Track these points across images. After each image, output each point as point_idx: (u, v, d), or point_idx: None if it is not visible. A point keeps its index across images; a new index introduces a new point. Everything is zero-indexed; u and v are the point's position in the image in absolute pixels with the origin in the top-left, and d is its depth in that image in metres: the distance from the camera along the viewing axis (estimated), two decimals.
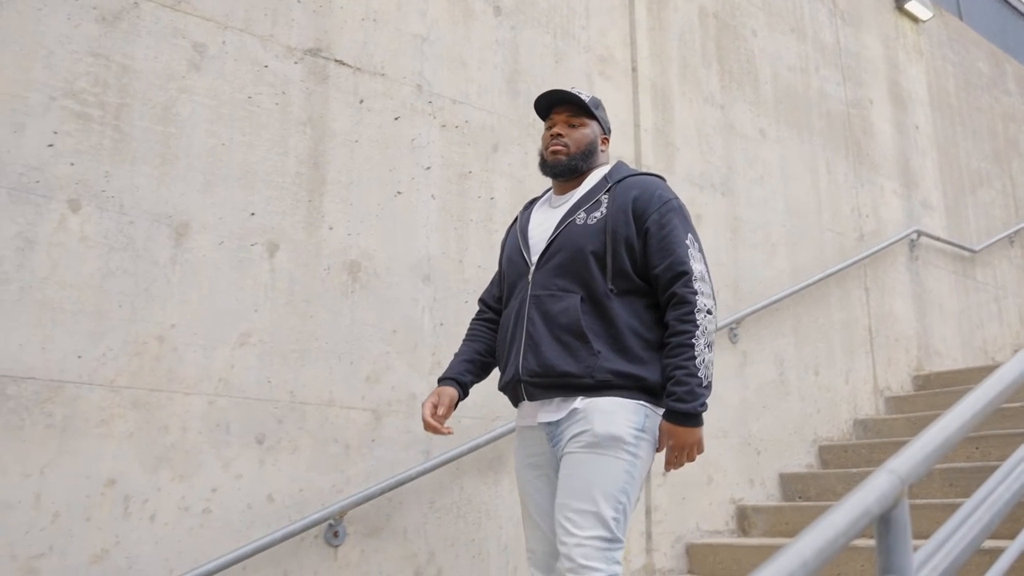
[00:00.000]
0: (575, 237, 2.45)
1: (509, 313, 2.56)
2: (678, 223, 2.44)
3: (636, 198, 2.46)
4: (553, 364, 2.37)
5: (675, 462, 2.38)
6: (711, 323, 2.36)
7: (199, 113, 3.29)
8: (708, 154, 5.20)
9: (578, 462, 2.31)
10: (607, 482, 2.27)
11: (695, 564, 4.47)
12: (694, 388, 2.29)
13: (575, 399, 2.36)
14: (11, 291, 2.83)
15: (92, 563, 2.84)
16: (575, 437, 2.33)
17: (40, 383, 2.83)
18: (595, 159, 2.63)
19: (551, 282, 2.45)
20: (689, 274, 2.36)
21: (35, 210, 2.90)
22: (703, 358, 2.32)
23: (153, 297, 3.08)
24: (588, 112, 2.62)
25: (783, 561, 1.27)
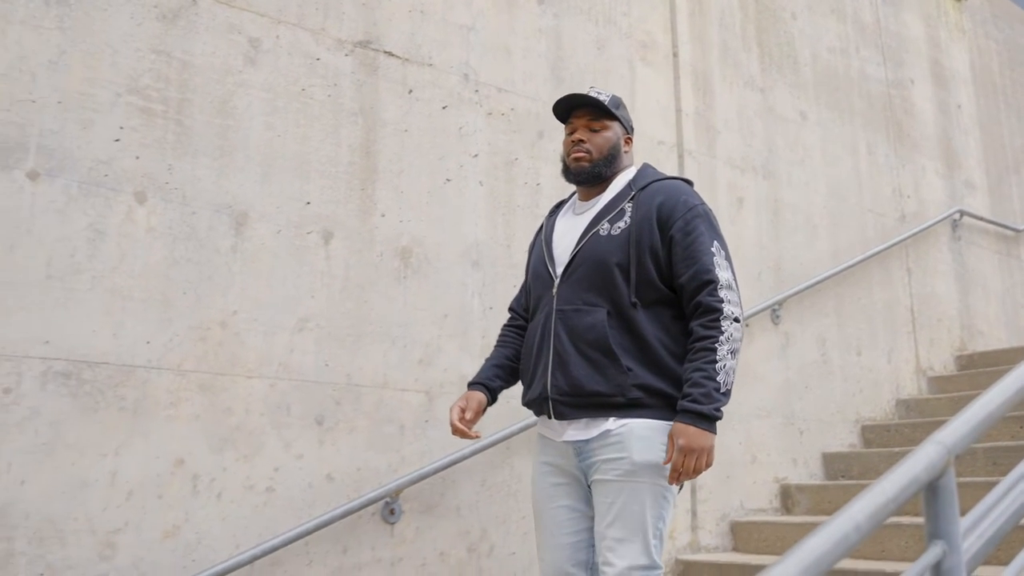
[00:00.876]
0: (599, 249, 2.37)
1: (535, 327, 2.49)
2: (704, 230, 2.35)
3: (661, 204, 2.37)
4: (582, 383, 2.31)
5: (683, 470, 2.21)
6: (737, 331, 2.28)
7: (255, 106, 3.39)
8: (749, 137, 5.22)
9: (617, 491, 2.26)
10: (647, 511, 2.24)
11: (740, 541, 4.53)
12: (711, 391, 2.20)
13: (606, 419, 2.30)
14: (84, 280, 2.95)
15: (165, 538, 2.97)
16: (611, 462, 2.28)
17: (113, 368, 2.96)
18: (619, 163, 2.53)
19: (576, 296, 2.38)
20: (715, 283, 2.28)
21: (104, 202, 3.02)
22: (724, 364, 2.22)
23: (215, 285, 3.19)
24: (609, 114, 2.52)
25: (838, 524, 1.34)
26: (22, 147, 2.90)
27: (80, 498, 2.85)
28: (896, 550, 3.87)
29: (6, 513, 2.72)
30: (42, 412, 2.82)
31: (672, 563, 4.29)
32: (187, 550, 3.01)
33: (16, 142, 2.89)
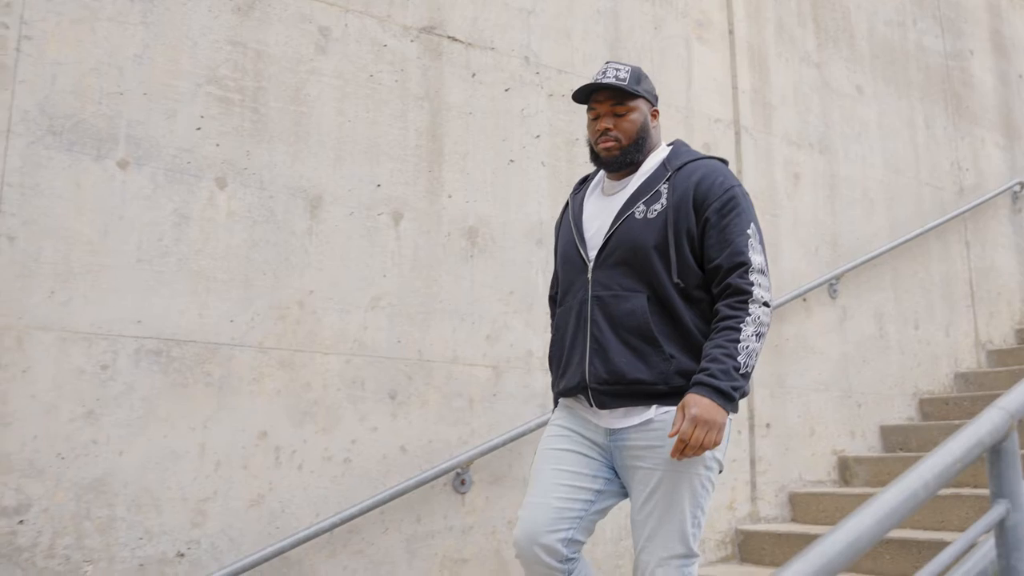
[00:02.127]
0: (636, 233, 2.27)
1: (567, 312, 2.38)
2: (739, 212, 2.26)
3: (697, 184, 2.28)
4: (624, 371, 2.22)
5: (690, 442, 2.06)
6: (765, 315, 2.19)
7: (327, 93, 3.50)
8: (805, 113, 5.22)
9: (658, 481, 2.19)
10: (687, 500, 2.18)
11: (798, 512, 4.59)
12: (729, 369, 2.11)
13: (648, 407, 2.22)
14: (171, 263, 3.10)
15: (250, 507, 3.12)
16: (651, 450, 2.20)
17: (199, 345, 3.10)
18: (649, 143, 2.40)
19: (614, 281, 2.28)
20: (747, 265, 2.20)
21: (188, 189, 3.16)
22: (748, 345, 2.14)
23: (292, 266, 3.32)
24: (632, 94, 2.37)
25: (908, 481, 1.41)
26: (112, 138, 3.04)
27: (172, 468, 3.01)
28: (956, 520, 3.90)
29: (107, 482, 2.89)
30: (136, 388, 2.98)
31: (732, 533, 4.36)
32: (271, 518, 3.16)
33: (107, 133, 3.04)
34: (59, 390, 2.86)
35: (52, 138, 2.94)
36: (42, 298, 2.86)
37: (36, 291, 2.86)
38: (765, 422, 4.59)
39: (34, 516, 2.77)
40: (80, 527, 2.83)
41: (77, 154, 2.98)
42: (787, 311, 4.78)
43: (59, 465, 2.83)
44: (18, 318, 2.82)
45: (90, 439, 2.88)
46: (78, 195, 2.97)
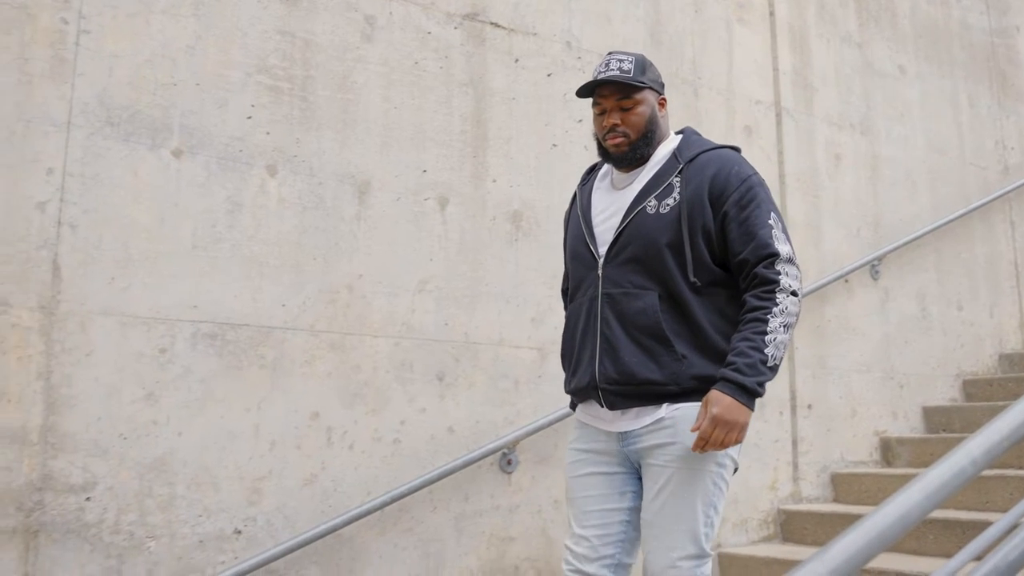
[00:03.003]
0: (648, 228, 2.19)
1: (577, 310, 2.31)
2: (760, 202, 2.18)
3: (713, 178, 2.20)
4: (634, 371, 2.15)
5: (711, 440, 2.04)
6: (794, 305, 2.12)
7: (373, 80, 3.55)
8: (846, 94, 5.18)
9: (667, 479, 2.12)
10: (698, 499, 2.11)
11: (840, 492, 4.59)
12: (756, 363, 2.06)
13: (659, 408, 2.16)
14: (224, 249, 3.17)
15: (304, 485, 3.20)
16: (661, 448, 2.14)
17: (253, 329, 3.18)
18: (657, 135, 2.29)
19: (625, 279, 2.20)
20: (775, 256, 2.13)
21: (240, 176, 3.23)
22: (775, 336, 2.08)
23: (342, 251, 3.38)
24: (637, 86, 2.25)
25: (956, 458, 1.44)
26: (167, 128, 3.12)
27: (229, 448, 3.09)
28: (1000, 501, 3.89)
29: (167, 461, 2.98)
30: (193, 370, 3.06)
31: (774, 513, 4.38)
32: (324, 496, 3.23)
33: (161, 123, 3.11)
34: (121, 373, 2.94)
35: (110, 129, 3.02)
36: (103, 284, 2.95)
37: (97, 277, 2.94)
38: (807, 403, 4.60)
39: (100, 494, 2.86)
40: (143, 504, 2.93)
41: (134, 144, 3.06)
42: (829, 292, 4.77)
43: (122, 445, 2.92)
44: (81, 304, 2.91)
45: (151, 420, 2.97)
46: (135, 184, 3.05)
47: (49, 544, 2.77)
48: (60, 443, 2.82)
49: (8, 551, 2.71)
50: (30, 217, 2.86)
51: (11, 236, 2.83)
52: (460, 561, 3.46)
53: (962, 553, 2.35)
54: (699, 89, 4.50)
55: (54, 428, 2.82)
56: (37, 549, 2.75)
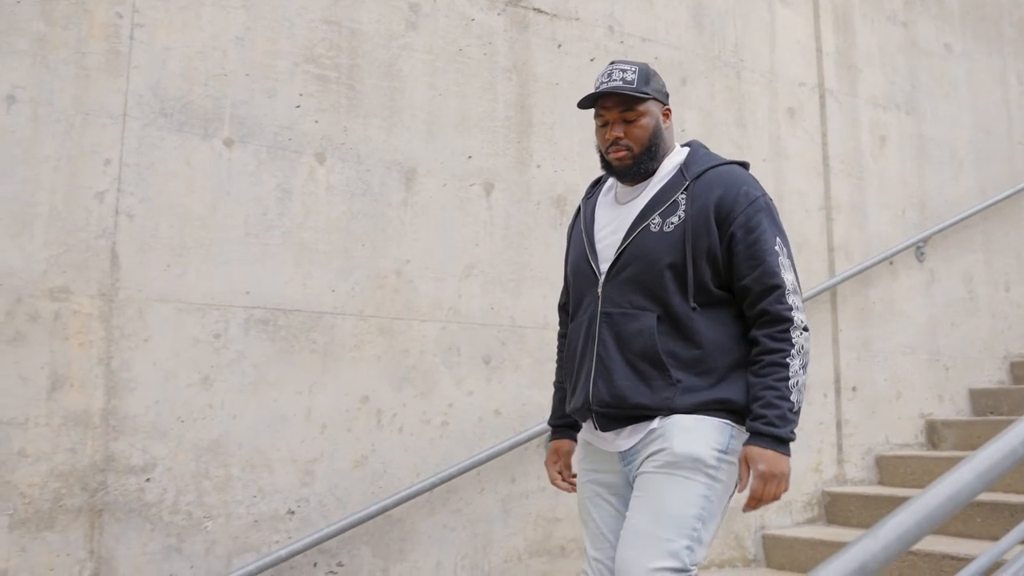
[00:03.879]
0: (650, 247, 2.11)
1: (578, 328, 2.24)
2: (767, 226, 2.10)
3: (720, 198, 2.10)
4: (626, 395, 2.08)
5: (763, 495, 2.01)
6: (807, 341, 2.06)
7: (418, 68, 3.57)
8: (891, 74, 5.11)
9: (652, 485, 2.04)
10: (681, 508, 1.99)
11: (885, 475, 4.56)
12: (785, 412, 2.00)
13: (650, 421, 2.08)
14: (275, 236, 3.22)
15: (355, 467, 3.26)
16: (651, 456, 2.06)
17: (304, 314, 3.23)
18: (662, 148, 2.21)
19: (623, 298, 2.13)
20: (782, 288, 2.05)
21: (289, 164, 3.28)
22: (796, 380, 2.02)
23: (389, 236, 3.42)
24: (641, 97, 2.16)
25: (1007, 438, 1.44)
26: (218, 117, 3.17)
27: (282, 431, 3.15)
28: None
29: (223, 443, 3.04)
30: (247, 355, 3.12)
31: (818, 495, 4.37)
32: (374, 478, 3.29)
33: (213, 113, 3.16)
34: (177, 358, 3.01)
35: (164, 120, 3.08)
36: (159, 271, 3.02)
37: (154, 265, 3.01)
38: (851, 385, 4.57)
39: (159, 475, 2.94)
40: (200, 485, 3.00)
41: (187, 134, 3.11)
42: (873, 275, 4.73)
43: (179, 428, 2.99)
44: (139, 290, 2.98)
45: (206, 403, 3.04)
46: (189, 173, 3.10)
47: (113, 523, 2.85)
48: (121, 426, 2.90)
49: (75, 529, 2.80)
50: (89, 207, 2.93)
51: (71, 226, 2.90)
52: (507, 541, 3.51)
53: (1009, 536, 2.34)
54: (742, 72, 4.47)
55: (115, 411, 2.90)
56: (102, 527, 2.84)
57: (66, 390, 2.84)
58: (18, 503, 2.73)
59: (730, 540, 4.06)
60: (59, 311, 2.85)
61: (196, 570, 2.96)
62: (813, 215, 4.61)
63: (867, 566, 1.52)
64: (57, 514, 2.78)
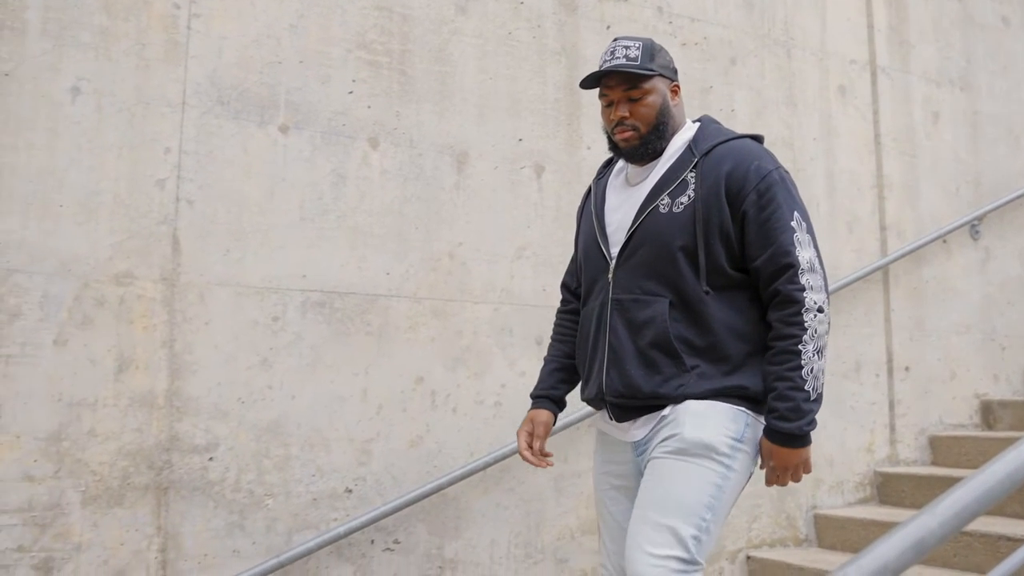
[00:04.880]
0: (660, 229, 2.02)
1: (589, 315, 2.16)
2: (781, 200, 1.99)
3: (730, 174, 2.00)
4: (639, 385, 2.00)
5: (777, 481, 2.03)
6: (823, 324, 1.95)
7: (468, 52, 3.57)
8: (945, 49, 4.99)
9: (661, 470, 1.96)
10: (691, 496, 1.92)
11: (939, 455, 4.49)
12: (799, 404, 1.91)
13: (662, 410, 2.01)
14: (330, 220, 3.26)
15: (410, 447, 3.29)
16: (663, 442, 1.98)
17: (359, 297, 3.27)
18: (670, 126, 2.12)
19: (634, 284, 2.04)
20: (795, 267, 1.94)
21: (343, 149, 3.30)
22: (811, 367, 1.92)
23: (442, 219, 3.44)
24: (645, 75, 2.08)
25: None
26: (273, 104, 3.20)
27: (339, 411, 3.19)
28: None
29: (282, 423, 3.10)
30: (304, 337, 3.16)
31: (871, 475, 4.33)
32: (429, 457, 3.32)
33: (268, 100, 3.20)
34: (237, 340, 3.07)
35: (221, 108, 3.12)
36: (219, 256, 3.06)
37: (214, 250, 3.06)
38: (904, 365, 4.50)
39: (221, 454, 3.00)
40: (260, 464, 3.06)
41: (243, 122, 3.15)
42: (926, 253, 4.64)
43: (240, 408, 3.04)
44: (199, 275, 3.03)
45: (266, 384, 3.09)
46: (245, 160, 3.14)
47: (178, 500, 2.92)
48: (184, 406, 2.96)
49: (142, 506, 2.87)
50: (151, 194, 2.99)
51: (135, 212, 2.96)
52: (560, 520, 3.53)
53: None
54: (792, 50, 4.40)
55: (178, 392, 2.96)
56: (168, 505, 2.91)
57: (132, 372, 2.90)
58: (89, 480, 2.81)
59: (781, 519, 4.04)
60: (124, 296, 2.92)
61: (258, 546, 3.02)
62: (865, 193, 4.53)
63: (924, 542, 1.51)
64: (126, 491, 2.86)
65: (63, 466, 2.78)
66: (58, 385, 2.80)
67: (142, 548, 2.86)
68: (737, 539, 3.90)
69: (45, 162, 2.85)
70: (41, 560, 2.73)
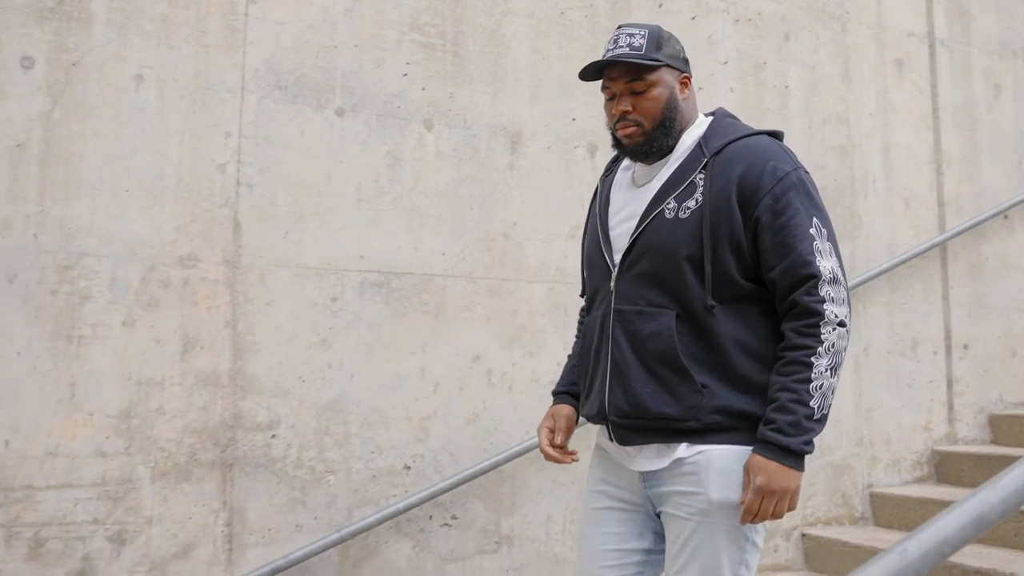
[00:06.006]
0: (664, 237, 1.84)
1: (592, 326, 1.99)
2: (800, 206, 1.80)
3: (742, 176, 1.81)
4: (647, 404, 1.81)
5: (759, 512, 1.75)
6: (842, 339, 1.77)
7: (521, 32, 3.55)
8: (1008, 19, 4.83)
9: (689, 532, 1.81)
10: (723, 557, 1.79)
11: (998, 434, 4.39)
12: (800, 420, 1.72)
13: (678, 444, 1.82)
14: (387, 201, 3.27)
15: (467, 424, 3.31)
16: (684, 496, 1.82)
17: (416, 277, 3.28)
18: (679, 122, 1.92)
19: (638, 294, 1.87)
20: (816, 278, 1.76)
21: (399, 131, 3.31)
22: (821, 383, 1.74)
23: (496, 199, 3.43)
24: (650, 66, 1.88)
25: None
26: (330, 88, 3.22)
27: (397, 390, 3.22)
28: None
29: (342, 402, 3.13)
30: (362, 317, 3.19)
31: (928, 454, 4.24)
32: (485, 435, 3.33)
33: (325, 84, 3.21)
34: (297, 320, 3.10)
35: (279, 92, 3.14)
36: (278, 238, 3.10)
37: (273, 232, 3.09)
38: (963, 343, 4.40)
39: (283, 432, 3.04)
40: (321, 442, 3.09)
41: (300, 106, 3.17)
42: (986, 229, 4.52)
43: (301, 387, 3.08)
44: (260, 257, 3.07)
45: (325, 364, 3.13)
46: (303, 143, 3.17)
47: (242, 476, 2.97)
48: (247, 385, 3.01)
49: (209, 481, 2.93)
50: (212, 178, 3.03)
51: (197, 196, 3.00)
52: None
53: None
54: (847, 24, 4.29)
55: (241, 372, 3.01)
56: (233, 480, 2.96)
57: (196, 352, 2.95)
58: (158, 457, 2.87)
59: (836, 497, 3.99)
60: (188, 278, 2.97)
61: (319, 521, 3.06)
62: (922, 169, 4.42)
63: (984, 518, 1.47)
64: (192, 467, 2.91)
65: (133, 443, 2.84)
66: (127, 365, 2.86)
67: (209, 522, 2.92)
68: (792, 517, 3.86)
69: (111, 149, 2.90)
70: (115, 532, 2.80)
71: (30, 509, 2.71)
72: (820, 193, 1.90)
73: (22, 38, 2.82)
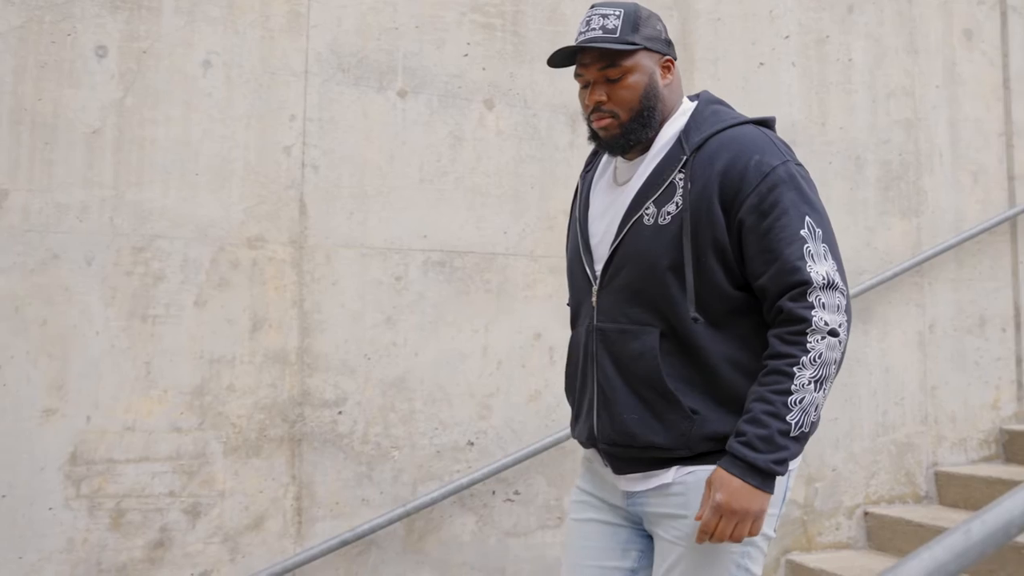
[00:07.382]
0: (643, 247, 1.64)
1: (576, 343, 1.82)
2: (788, 205, 1.58)
3: (724, 175, 1.60)
4: (634, 433, 1.65)
5: (715, 532, 1.56)
6: (832, 350, 1.55)
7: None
8: None
9: (676, 559, 1.65)
10: None
11: None
12: (774, 435, 1.52)
13: (667, 470, 1.66)
14: (448, 181, 3.26)
15: (529, 401, 3.30)
16: (670, 520, 1.66)
17: (478, 256, 3.27)
18: (659, 111, 1.70)
19: (619, 311, 1.67)
20: (807, 285, 1.55)
21: (460, 111, 3.29)
22: (802, 396, 1.53)
23: (556, 178, 3.40)
24: (625, 51, 1.65)
25: None
26: (391, 70, 3.21)
27: (460, 368, 3.22)
28: None
29: (407, 379, 3.14)
30: (426, 295, 3.19)
31: (996, 432, 4.11)
32: (547, 412, 3.32)
33: (387, 66, 3.20)
34: (362, 299, 3.11)
35: (341, 75, 3.14)
36: (343, 219, 3.11)
37: (338, 213, 3.11)
38: None
39: (350, 408, 3.07)
40: (386, 418, 3.11)
41: (363, 88, 3.17)
42: None
43: (366, 365, 3.10)
44: (326, 237, 3.08)
45: (390, 342, 3.14)
46: (366, 125, 3.16)
47: (310, 452, 3.01)
48: (314, 363, 3.04)
49: (278, 456, 2.97)
50: (279, 160, 3.05)
51: (264, 178, 3.02)
52: None
53: None
54: None
55: (308, 350, 3.03)
56: (301, 456, 3.00)
57: (265, 330, 2.99)
58: (230, 432, 2.92)
59: (900, 476, 3.90)
60: (256, 258, 2.99)
61: (385, 496, 3.09)
62: (991, 142, 4.26)
63: None
64: (262, 443, 2.96)
65: (206, 419, 2.89)
66: (199, 343, 2.90)
67: (279, 496, 2.96)
68: (855, 495, 3.78)
69: (181, 133, 2.93)
70: (190, 505, 2.86)
71: (111, 481, 2.78)
72: (884, 169, 1.79)
73: (96, 28, 2.86)
